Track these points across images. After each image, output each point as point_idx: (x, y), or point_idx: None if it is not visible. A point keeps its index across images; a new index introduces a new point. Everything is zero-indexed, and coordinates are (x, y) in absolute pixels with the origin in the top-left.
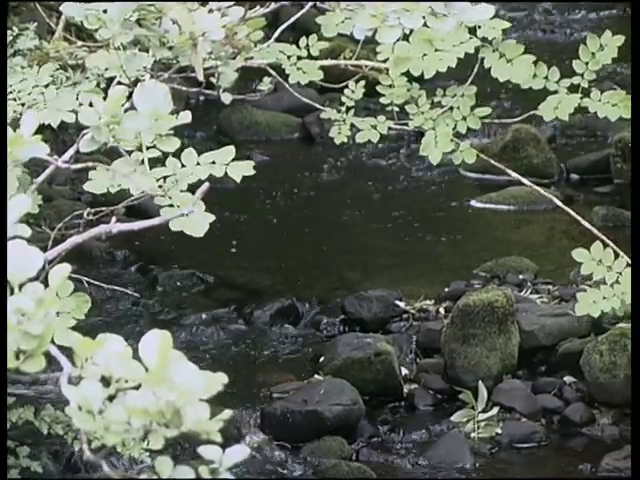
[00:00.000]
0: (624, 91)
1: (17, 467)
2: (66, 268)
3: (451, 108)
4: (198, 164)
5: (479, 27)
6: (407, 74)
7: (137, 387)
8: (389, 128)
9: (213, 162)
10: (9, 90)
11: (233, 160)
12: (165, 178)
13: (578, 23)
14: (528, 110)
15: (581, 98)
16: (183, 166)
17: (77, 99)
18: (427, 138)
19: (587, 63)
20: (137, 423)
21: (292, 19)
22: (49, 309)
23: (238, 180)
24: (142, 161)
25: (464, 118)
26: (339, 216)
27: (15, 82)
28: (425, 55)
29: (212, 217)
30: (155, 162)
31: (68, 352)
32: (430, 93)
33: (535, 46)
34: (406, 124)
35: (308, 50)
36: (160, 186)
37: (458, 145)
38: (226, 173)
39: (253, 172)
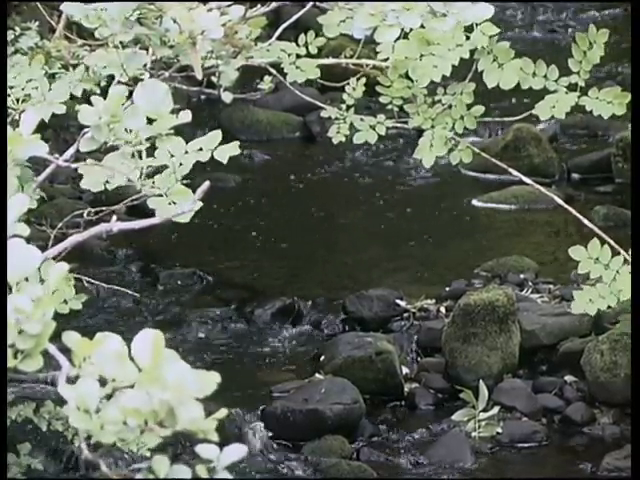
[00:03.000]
0: (619, 88)
1: (18, 465)
2: (64, 267)
3: (450, 106)
4: (186, 152)
5: (476, 25)
6: (407, 74)
7: (134, 385)
8: (388, 128)
9: (201, 149)
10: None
11: (230, 158)
12: (161, 171)
13: (580, 22)
14: (530, 108)
15: (579, 97)
16: (172, 156)
17: (69, 89)
18: (423, 140)
19: (581, 62)
20: (133, 422)
21: (293, 18)
22: (47, 308)
23: (225, 162)
24: (133, 154)
25: (462, 117)
26: (340, 215)
27: (9, 78)
28: (422, 56)
29: (200, 204)
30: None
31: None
32: (431, 92)
33: (537, 45)
34: (406, 123)
35: (307, 48)
36: (153, 182)
37: (457, 144)
38: (225, 170)
39: (239, 151)
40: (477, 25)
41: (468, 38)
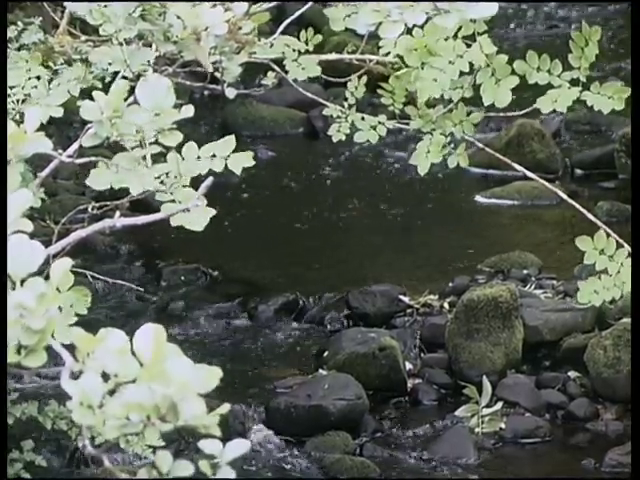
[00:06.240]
0: (619, 83)
1: (21, 461)
2: (67, 262)
3: (451, 110)
4: (198, 158)
5: (479, 32)
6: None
7: (136, 380)
8: (388, 126)
9: (214, 155)
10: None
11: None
12: (167, 173)
13: (584, 17)
14: (533, 103)
15: (580, 92)
16: (184, 159)
17: (68, 89)
18: (420, 147)
19: (580, 58)
20: (136, 418)
21: (296, 14)
22: (50, 304)
23: (238, 173)
24: (144, 157)
25: (461, 122)
26: (343, 211)
27: (10, 77)
28: (424, 64)
29: (213, 212)
30: (159, 155)
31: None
32: None
33: (539, 40)
34: (407, 123)
35: (307, 44)
36: (162, 182)
37: (455, 148)
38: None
39: (253, 163)
40: (478, 34)
41: (469, 46)
